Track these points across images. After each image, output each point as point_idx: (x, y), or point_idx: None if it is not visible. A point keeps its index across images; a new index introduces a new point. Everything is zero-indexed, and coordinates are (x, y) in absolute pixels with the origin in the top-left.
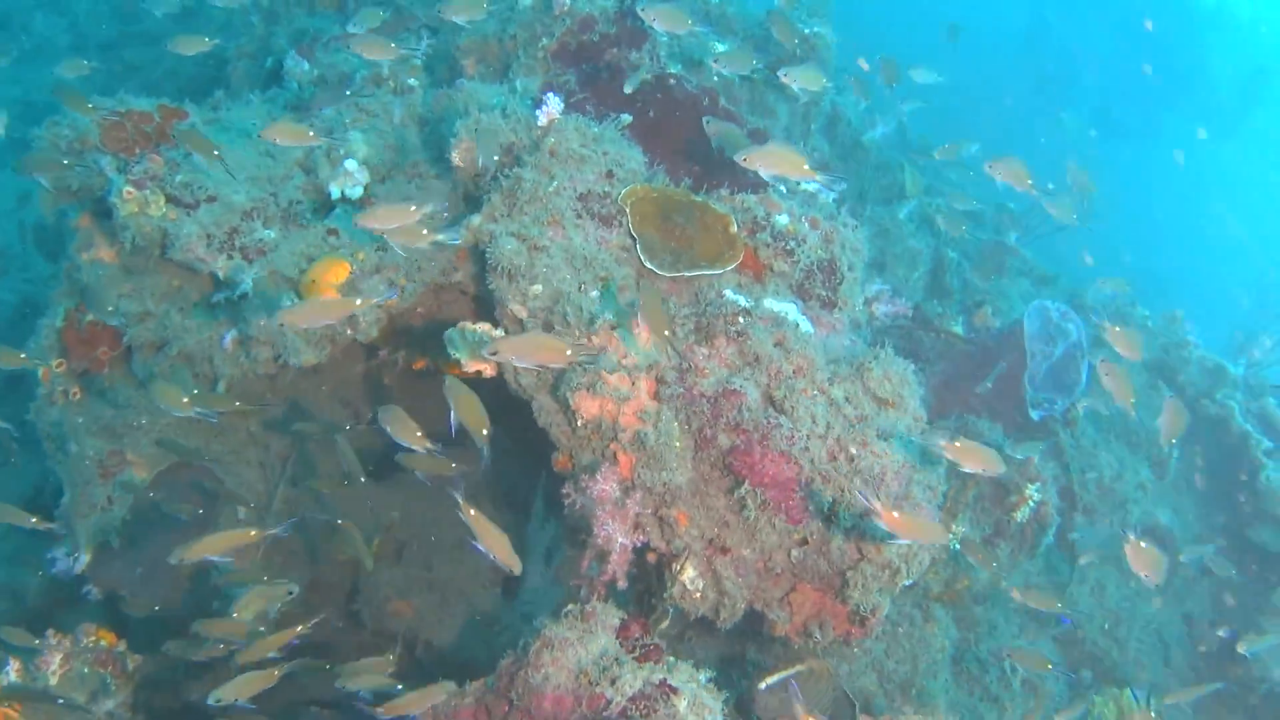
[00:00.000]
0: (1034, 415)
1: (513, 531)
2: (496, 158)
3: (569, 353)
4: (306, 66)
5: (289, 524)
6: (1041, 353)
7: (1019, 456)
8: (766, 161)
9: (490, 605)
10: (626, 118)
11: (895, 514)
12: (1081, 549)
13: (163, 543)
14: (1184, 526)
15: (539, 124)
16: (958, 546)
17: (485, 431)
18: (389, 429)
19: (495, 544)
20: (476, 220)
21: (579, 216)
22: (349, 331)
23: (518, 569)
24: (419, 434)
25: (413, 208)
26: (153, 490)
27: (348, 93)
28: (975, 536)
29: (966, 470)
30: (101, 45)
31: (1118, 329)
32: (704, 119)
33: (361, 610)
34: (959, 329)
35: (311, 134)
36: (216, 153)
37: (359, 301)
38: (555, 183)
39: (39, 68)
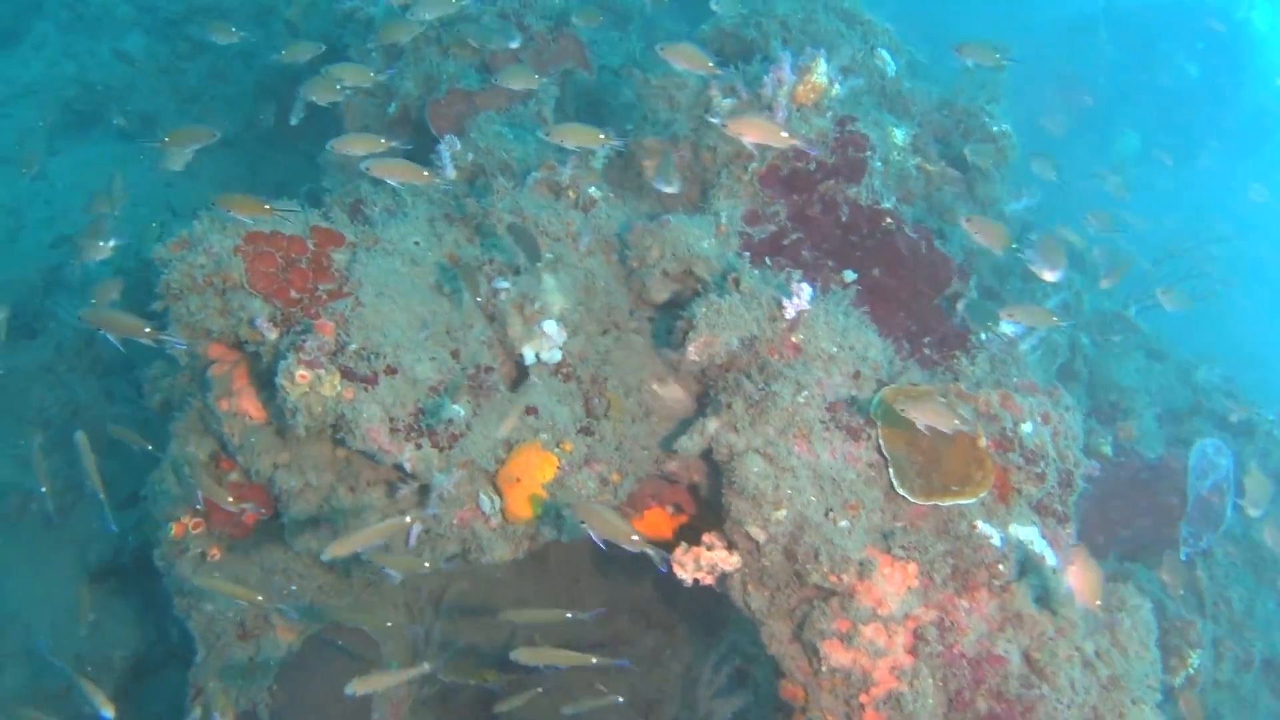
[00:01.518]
0: (1181, 554)
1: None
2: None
3: None
4: (459, 146)
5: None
6: (1194, 487)
7: None
8: None
9: None
10: (851, 275)
11: None
12: None
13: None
14: None
15: (787, 316)
16: None
17: (635, 537)
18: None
19: None
20: (712, 427)
21: (826, 429)
22: (555, 533)
23: None
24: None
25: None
26: (302, 657)
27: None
28: None
29: None
30: (167, 20)
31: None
32: (960, 301)
33: None
34: (1108, 449)
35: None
36: None
37: None
38: (805, 392)
39: (95, 40)
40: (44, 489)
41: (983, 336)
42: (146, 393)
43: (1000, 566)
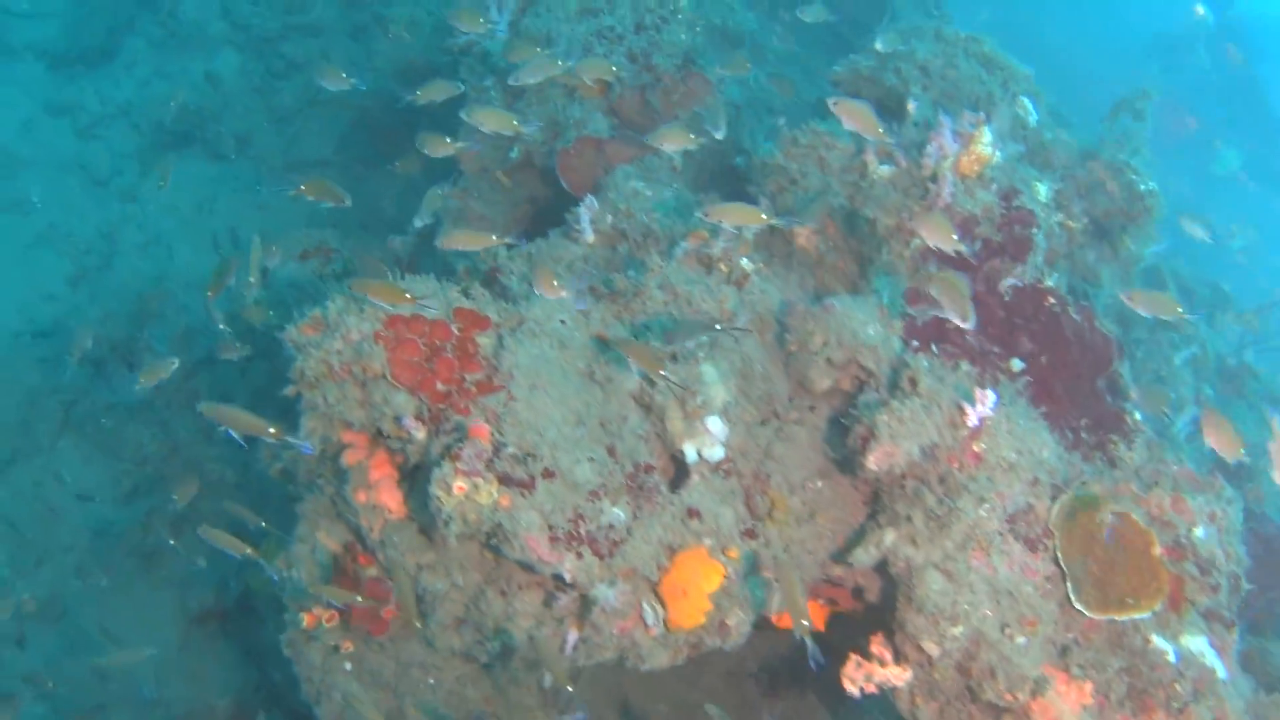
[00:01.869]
0: None
1: None
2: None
3: None
4: (598, 208)
5: None
6: None
7: None
8: None
9: None
10: (1019, 364)
11: None
12: None
13: None
14: None
15: (969, 424)
16: None
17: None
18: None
19: None
20: (889, 539)
21: (1005, 540)
22: (719, 642)
23: None
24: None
25: None
26: None
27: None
28: None
29: None
30: (261, 38)
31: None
32: (1132, 390)
33: None
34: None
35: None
36: None
37: None
38: (986, 505)
39: (189, 58)
40: (171, 542)
41: (1138, 417)
42: (266, 458)
43: (1177, 686)
